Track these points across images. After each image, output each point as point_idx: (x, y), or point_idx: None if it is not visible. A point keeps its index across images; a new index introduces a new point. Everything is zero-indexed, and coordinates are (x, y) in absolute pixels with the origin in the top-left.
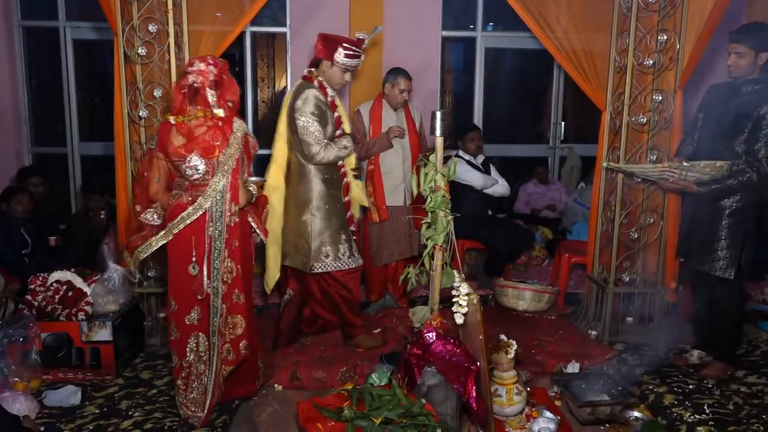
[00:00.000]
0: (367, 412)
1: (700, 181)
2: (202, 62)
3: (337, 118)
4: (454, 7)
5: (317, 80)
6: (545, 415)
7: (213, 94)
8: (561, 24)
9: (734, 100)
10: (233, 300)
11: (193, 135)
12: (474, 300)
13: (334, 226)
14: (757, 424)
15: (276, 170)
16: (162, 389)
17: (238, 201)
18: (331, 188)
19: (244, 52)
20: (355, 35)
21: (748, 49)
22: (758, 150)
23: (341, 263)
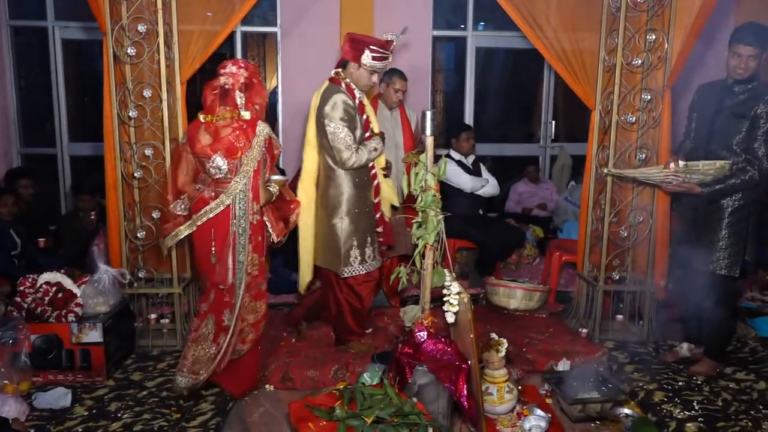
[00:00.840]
0: (359, 411)
1: (702, 182)
2: (234, 65)
3: (366, 120)
4: (445, 6)
5: (344, 82)
6: (536, 413)
7: (241, 97)
8: (551, 23)
9: (729, 99)
10: (258, 288)
11: (219, 135)
12: (465, 299)
13: (362, 229)
14: (746, 420)
15: (307, 178)
16: (152, 390)
17: (258, 201)
18: (361, 191)
19: (234, 51)
20: (383, 36)
21: (759, 51)
22: (758, 148)
23: (367, 266)
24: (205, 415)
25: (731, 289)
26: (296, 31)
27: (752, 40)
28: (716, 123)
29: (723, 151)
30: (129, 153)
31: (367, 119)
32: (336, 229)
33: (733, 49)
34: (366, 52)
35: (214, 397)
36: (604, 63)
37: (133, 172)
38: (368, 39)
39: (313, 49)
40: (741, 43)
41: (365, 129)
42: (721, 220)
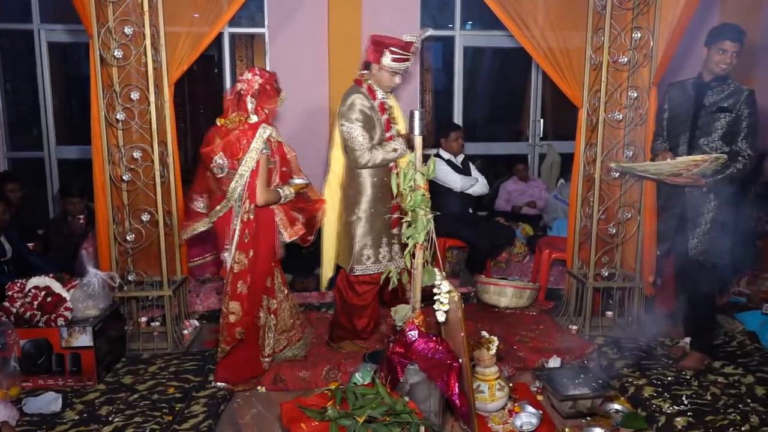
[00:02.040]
0: (351, 411)
1: (704, 174)
2: (250, 72)
3: (387, 121)
4: (432, 6)
5: (367, 83)
6: (527, 410)
7: (252, 102)
8: (537, 22)
9: (710, 96)
10: (237, 289)
11: (226, 137)
12: (455, 297)
13: (377, 229)
14: (734, 414)
15: (333, 179)
16: (144, 394)
17: (254, 200)
18: (380, 192)
19: (222, 53)
20: (404, 37)
21: (741, 48)
22: (743, 141)
23: (381, 266)
24: (197, 417)
25: (708, 276)
26: (284, 32)
27: (735, 36)
28: (699, 119)
29: (707, 146)
30: (117, 156)
31: (389, 120)
32: (351, 228)
33: (719, 45)
34: (386, 54)
35: (206, 399)
36: (591, 61)
37: (122, 174)
38: (389, 40)
39: (301, 50)
40: (727, 39)
41: (386, 129)
42: (706, 210)
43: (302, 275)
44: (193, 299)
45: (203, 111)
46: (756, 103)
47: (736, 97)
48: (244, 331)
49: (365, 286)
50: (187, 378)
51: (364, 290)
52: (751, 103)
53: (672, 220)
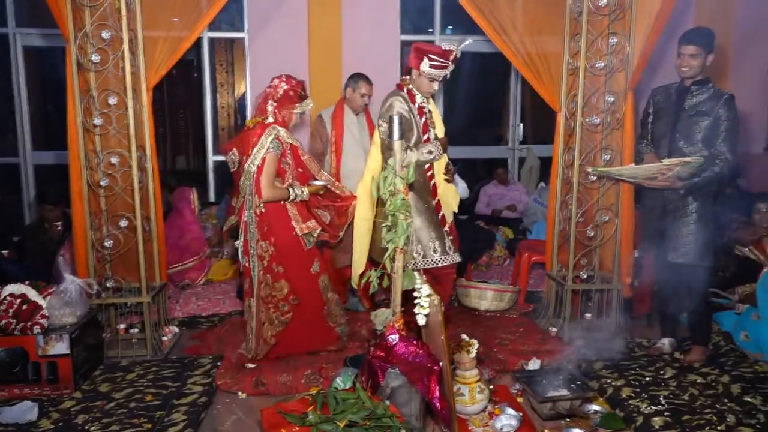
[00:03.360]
0: (332, 415)
1: (680, 177)
2: (277, 79)
3: (424, 124)
4: (412, 11)
5: (407, 87)
6: (507, 412)
7: (272, 105)
8: (516, 28)
9: (689, 99)
10: (274, 270)
11: (243, 135)
12: (435, 301)
13: (421, 223)
14: (711, 414)
15: (368, 175)
16: (121, 402)
17: (260, 195)
18: (416, 191)
19: (201, 57)
20: (443, 46)
21: (701, 50)
22: (721, 145)
23: (433, 260)
24: (177, 425)
25: (702, 277)
26: (264, 37)
27: (693, 39)
28: (679, 123)
29: (688, 149)
30: (95, 161)
31: (426, 123)
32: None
33: (678, 49)
34: (425, 61)
35: (186, 407)
36: (568, 66)
37: (99, 180)
38: (429, 48)
39: (281, 54)
40: (683, 42)
41: (423, 132)
42: (689, 214)
43: None
44: (173, 305)
45: (182, 116)
46: (735, 108)
47: (714, 101)
48: (297, 298)
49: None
50: (166, 385)
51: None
52: (730, 108)
53: (655, 223)
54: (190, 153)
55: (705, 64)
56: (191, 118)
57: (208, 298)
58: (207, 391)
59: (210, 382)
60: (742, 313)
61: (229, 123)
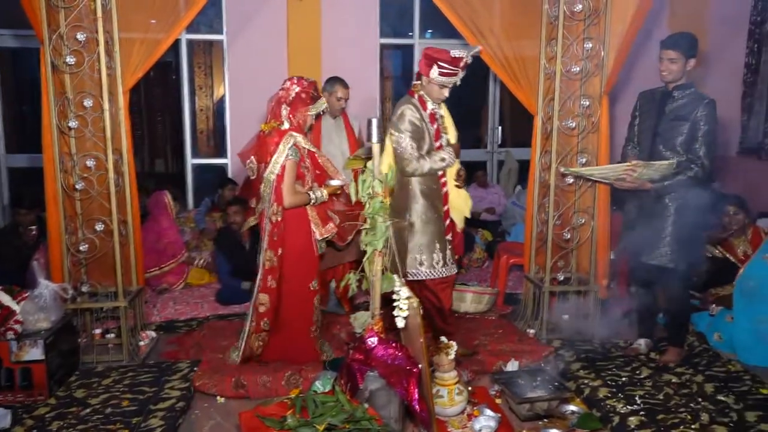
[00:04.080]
0: (311, 419)
1: (652, 179)
2: (289, 81)
3: (436, 130)
4: (392, 15)
5: (418, 94)
6: (486, 414)
7: (287, 110)
8: (494, 32)
9: (670, 104)
10: (267, 284)
11: (261, 142)
12: (414, 303)
13: (429, 235)
14: (685, 413)
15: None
16: (97, 408)
17: (281, 202)
18: (428, 199)
19: (179, 59)
20: (452, 53)
21: (679, 55)
22: (698, 149)
23: (435, 272)
24: (154, 431)
25: (680, 280)
26: (243, 39)
27: (672, 44)
28: (660, 126)
29: (667, 152)
30: (70, 164)
31: (438, 130)
32: (402, 233)
33: (659, 54)
34: (434, 68)
35: (164, 412)
36: (545, 70)
37: (75, 183)
38: (439, 55)
39: (260, 57)
40: (662, 47)
41: (435, 139)
42: (667, 216)
43: None
44: (150, 310)
45: (161, 118)
46: (714, 113)
47: (693, 106)
48: (269, 321)
49: (445, 288)
50: (143, 390)
51: (446, 292)
52: (708, 112)
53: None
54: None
55: (685, 68)
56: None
57: (186, 302)
58: (185, 396)
59: (188, 386)
60: (716, 314)
61: (207, 126)
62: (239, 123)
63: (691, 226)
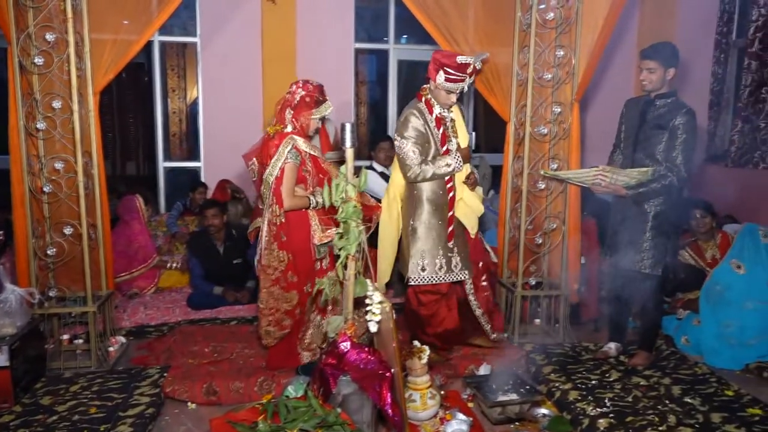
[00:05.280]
0: (282, 424)
1: (628, 185)
2: (295, 84)
3: (442, 135)
4: (367, 20)
5: (426, 98)
6: (458, 417)
7: (290, 113)
8: (467, 40)
9: (651, 112)
10: (288, 280)
11: (264, 144)
12: (387, 308)
13: (432, 241)
14: (653, 415)
15: (392, 189)
16: (63, 415)
17: (281, 205)
18: (433, 204)
19: (152, 61)
20: (457, 59)
21: (658, 65)
22: (676, 157)
23: (436, 277)
24: None
25: (656, 286)
26: (217, 42)
27: (650, 54)
28: (641, 134)
29: (647, 160)
30: (37, 166)
31: (444, 134)
32: (407, 238)
33: (638, 64)
34: (440, 73)
35: (133, 418)
36: (517, 77)
37: (42, 186)
38: (446, 60)
39: (234, 60)
40: (641, 58)
41: (441, 144)
42: (645, 222)
43: (235, 288)
44: (120, 315)
45: (133, 120)
46: (693, 121)
47: (672, 115)
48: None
49: (429, 295)
50: (111, 397)
51: (428, 300)
52: (687, 121)
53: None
54: (141, 159)
55: (665, 77)
56: (142, 123)
57: (158, 307)
58: (155, 402)
59: (158, 392)
60: (684, 318)
61: (180, 128)
62: (212, 126)
63: (669, 233)
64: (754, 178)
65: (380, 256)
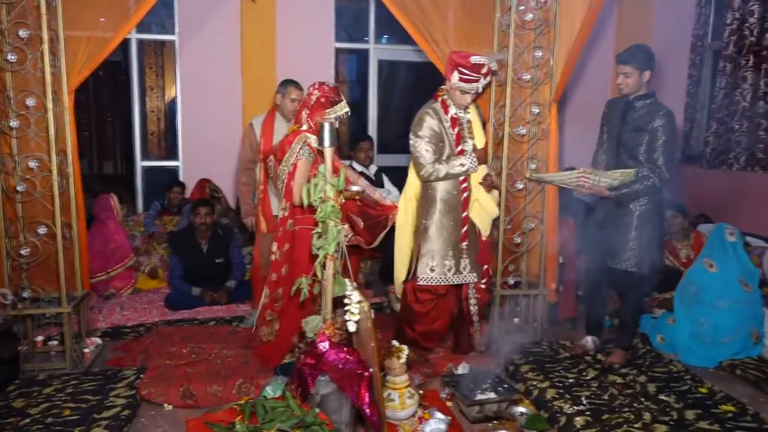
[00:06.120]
0: (260, 425)
1: (611, 186)
2: (312, 86)
3: (457, 135)
4: (347, 19)
5: (442, 98)
6: (436, 416)
7: (306, 113)
8: (447, 40)
9: (631, 114)
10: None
11: (282, 142)
12: (365, 307)
13: (442, 241)
14: (629, 412)
15: (409, 189)
16: (36, 418)
17: (289, 198)
18: (446, 204)
19: (129, 59)
20: (471, 59)
21: (634, 69)
22: (657, 158)
23: (444, 279)
24: None
25: (638, 285)
26: (196, 41)
27: (626, 59)
28: (622, 135)
29: (630, 161)
30: (11, 165)
31: (459, 134)
32: (419, 236)
33: (615, 68)
34: (455, 73)
35: (108, 420)
36: (496, 78)
37: (16, 185)
38: (460, 60)
39: (213, 59)
40: (618, 62)
41: (456, 144)
42: (630, 222)
43: (212, 288)
44: (96, 316)
45: (110, 119)
46: (672, 122)
47: (652, 117)
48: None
49: (427, 294)
50: (86, 399)
51: (425, 298)
52: (666, 122)
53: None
54: (118, 158)
55: (642, 80)
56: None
57: (134, 307)
58: (131, 404)
59: (134, 394)
60: (659, 317)
61: (158, 127)
62: (191, 125)
63: (654, 232)
64: (729, 179)
65: (397, 257)
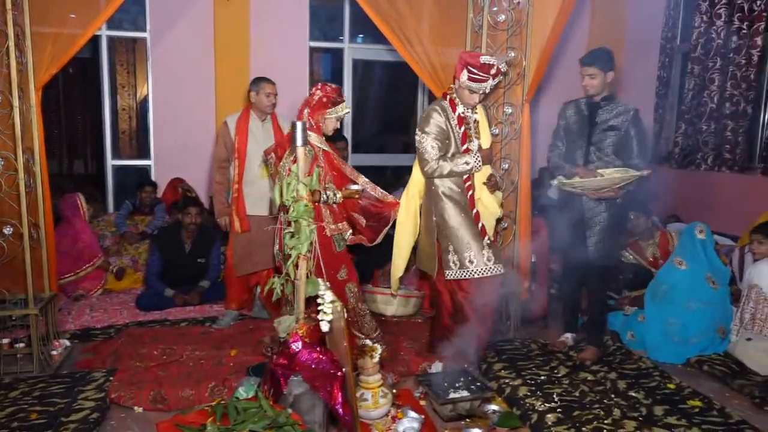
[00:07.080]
0: (232, 426)
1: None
2: (315, 87)
3: (463, 134)
4: (322, 18)
5: (450, 96)
6: (410, 415)
7: (308, 111)
8: (421, 40)
9: (600, 115)
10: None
11: (283, 139)
12: (338, 307)
13: (461, 236)
14: (599, 408)
15: (412, 186)
16: (2, 422)
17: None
18: (452, 202)
19: (99, 56)
20: (480, 59)
21: (598, 71)
22: (637, 155)
23: (466, 272)
24: None
25: (604, 278)
26: (168, 38)
27: (590, 61)
28: (593, 136)
29: (601, 162)
30: None
31: (465, 133)
32: (431, 236)
33: (580, 71)
34: (464, 72)
35: (76, 424)
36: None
37: None
38: (470, 59)
39: (186, 57)
40: (582, 65)
41: (462, 142)
42: (599, 215)
43: (185, 289)
44: (65, 317)
45: (80, 117)
46: (641, 121)
47: (624, 116)
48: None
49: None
50: (54, 402)
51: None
52: (637, 122)
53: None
54: (89, 157)
55: (605, 81)
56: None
57: (104, 309)
58: (100, 407)
59: (103, 396)
60: (630, 314)
61: (130, 126)
62: (163, 123)
63: (620, 228)
64: (697, 178)
65: (396, 253)
